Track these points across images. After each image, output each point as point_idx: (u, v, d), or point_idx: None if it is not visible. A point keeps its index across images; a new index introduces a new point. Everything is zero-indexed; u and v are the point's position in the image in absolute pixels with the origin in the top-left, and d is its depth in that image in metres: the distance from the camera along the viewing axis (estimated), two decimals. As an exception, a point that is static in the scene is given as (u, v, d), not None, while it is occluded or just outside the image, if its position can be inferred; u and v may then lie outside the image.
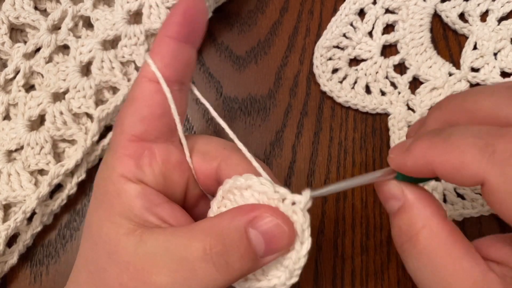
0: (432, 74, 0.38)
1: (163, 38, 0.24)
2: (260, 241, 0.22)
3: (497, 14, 0.39)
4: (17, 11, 0.36)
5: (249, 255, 0.22)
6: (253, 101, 0.38)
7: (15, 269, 0.35)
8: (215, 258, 0.21)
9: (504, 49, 0.38)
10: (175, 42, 0.24)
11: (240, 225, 0.22)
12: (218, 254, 0.21)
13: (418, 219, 0.22)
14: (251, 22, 0.40)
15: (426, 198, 0.23)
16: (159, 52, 0.24)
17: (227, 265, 0.21)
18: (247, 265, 0.22)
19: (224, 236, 0.21)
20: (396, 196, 0.23)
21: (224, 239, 0.21)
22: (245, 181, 0.23)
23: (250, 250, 0.22)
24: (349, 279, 0.34)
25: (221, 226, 0.22)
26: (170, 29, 0.24)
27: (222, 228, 0.22)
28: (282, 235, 0.22)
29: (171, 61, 0.24)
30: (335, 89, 0.38)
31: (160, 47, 0.24)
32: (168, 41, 0.24)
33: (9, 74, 0.36)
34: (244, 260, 0.21)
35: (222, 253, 0.21)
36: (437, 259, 0.22)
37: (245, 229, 0.22)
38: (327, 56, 0.38)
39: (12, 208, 0.34)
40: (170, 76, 0.24)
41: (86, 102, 0.34)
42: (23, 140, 0.34)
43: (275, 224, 0.22)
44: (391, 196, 0.24)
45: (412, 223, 0.23)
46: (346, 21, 0.39)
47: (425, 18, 0.39)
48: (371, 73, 0.38)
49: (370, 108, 0.37)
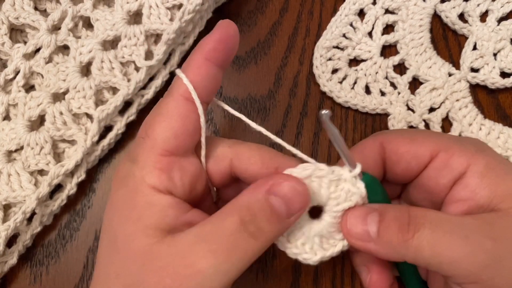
0: (431, 75, 0.38)
1: (201, 60, 0.26)
2: (281, 204, 0.24)
3: (497, 14, 0.39)
4: (17, 12, 0.36)
5: (275, 217, 0.24)
6: (253, 102, 0.38)
7: (15, 269, 0.35)
8: (248, 226, 0.24)
9: (503, 49, 0.38)
10: (211, 65, 0.26)
11: (260, 195, 0.24)
12: (249, 223, 0.24)
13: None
14: (251, 22, 0.40)
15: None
16: (198, 73, 0.26)
17: (259, 230, 0.24)
18: (276, 226, 0.24)
19: (250, 207, 0.24)
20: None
21: (251, 209, 0.24)
22: (303, 171, 0.26)
23: (274, 213, 0.24)
24: (349, 279, 0.34)
25: (246, 200, 0.24)
26: (209, 53, 0.26)
27: (247, 201, 0.24)
28: (298, 195, 0.25)
29: (205, 82, 0.26)
30: (335, 89, 0.38)
31: (198, 69, 0.26)
32: (206, 64, 0.26)
33: (9, 74, 0.36)
34: (272, 223, 0.24)
35: (252, 221, 0.24)
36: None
37: (265, 197, 0.24)
38: (327, 57, 0.38)
39: (12, 208, 0.34)
40: (203, 97, 0.26)
41: (86, 102, 0.34)
42: (23, 141, 0.34)
43: (290, 187, 0.24)
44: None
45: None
46: (346, 22, 0.39)
47: (425, 19, 0.39)
48: (371, 73, 0.38)
49: (370, 108, 0.37)
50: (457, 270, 0.24)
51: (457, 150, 0.27)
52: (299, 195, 0.25)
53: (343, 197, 0.26)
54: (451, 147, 0.27)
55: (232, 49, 0.27)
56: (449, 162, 0.27)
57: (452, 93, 0.37)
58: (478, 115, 0.37)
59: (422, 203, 0.29)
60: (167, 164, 0.26)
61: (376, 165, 0.28)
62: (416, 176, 0.29)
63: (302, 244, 0.26)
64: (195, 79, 0.26)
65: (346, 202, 0.26)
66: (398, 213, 0.25)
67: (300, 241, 0.26)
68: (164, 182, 0.25)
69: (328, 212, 0.26)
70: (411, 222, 0.24)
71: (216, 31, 0.26)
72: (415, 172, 0.28)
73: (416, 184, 0.29)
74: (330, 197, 0.26)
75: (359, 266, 0.29)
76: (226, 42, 0.26)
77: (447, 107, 0.37)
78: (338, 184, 0.26)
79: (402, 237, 0.24)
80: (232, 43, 0.26)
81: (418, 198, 0.30)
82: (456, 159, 0.27)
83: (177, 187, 0.26)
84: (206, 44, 0.26)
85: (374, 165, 0.28)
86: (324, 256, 0.26)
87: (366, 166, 0.27)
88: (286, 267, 0.34)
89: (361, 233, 0.25)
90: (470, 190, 0.26)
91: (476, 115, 0.37)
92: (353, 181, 0.26)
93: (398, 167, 0.28)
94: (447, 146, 0.27)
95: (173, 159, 0.26)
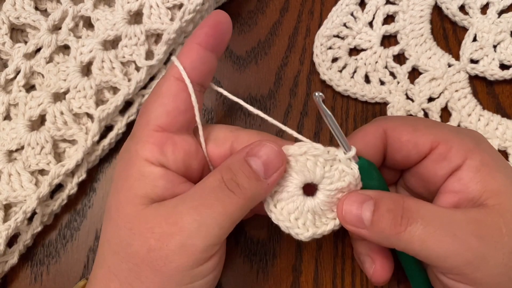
0: (431, 65, 0.38)
1: (193, 44, 0.28)
2: (259, 164, 0.26)
3: (498, 7, 0.39)
4: (18, 12, 0.36)
5: (253, 175, 0.26)
6: (253, 101, 0.38)
7: (16, 269, 0.35)
8: (228, 182, 0.26)
9: (503, 41, 0.38)
10: (203, 50, 0.28)
11: (240, 157, 0.26)
12: (229, 180, 0.26)
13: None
14: (251, 22, 0.40)
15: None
16: (188, 56, 0.28)
17: (239, 186, 0.26)
18: (254, 184, 0.26)
19: (231, 166, 0.26)
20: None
21: (231, 168, 0.26)
22: (299, 148, 0.27)
23: (253, 172, 0.26)
24: (349, 279, 0.34)
25: (227, 162, 0.27)
26: (200, 38, 0.28)
27: (229, 162, 0.27)
28: (274, 157, 0.26)
29: (197, 65, 0.28)
30: (335, 78, 0.38)
31: (189, 52, 0.28)
32: (197, 48, 0.28)
33: (9, 74, 0.36)
34: (251, 181, 0.26)
35: (232, 178, 0.26)
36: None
37: (244, 158, 0.26)
38: (327, 45, 0.39)
39: (13, 208, 0.34)
40: (194, 78, 0.28)
41: (86, 102, 0.34)
42: (24, 140, 0.34)
43: (268, 148, 0.26)
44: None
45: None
46: (346, 11, 0.39)
47: (426, 10, 0.39)
48: (371, 62, 0.38)
49: (369, 97, 0.37)
50: (443, 263, 0.26)
51: (456, 143, 0.28)
52: (275, 156, 0.26)
53: (337, 177, 0.27)
54: (450, 139, 0.28)
55: (223, 34, 0.28)
56: (447, 154, 0.28)
57: (451, 83, 0.37)
58: (477, 106, 0.37)
59: (418, 190, 0.31)
60: (160, 139, 0.27)
61: (376, 151, 0.29)
62: (414, 164, 0.29)
63: (295, 219, 0.28)
64: (186, 61, 0.28)
65: (339, 181, 0.27)
66: (393, 205, 0.26)
67: (293, 216, 0.27)
68: (156, 154, 0.27)
69: (322, 190, 0.28)
70: (404, 216, 0.25)
71: (208, 19, 0.28)
72: (414, 160, 0.29)
73: (414, 172, 0.30)
74: (324, 176, 0.27)
75: (362, 256, 0.30)
76: (216, 28, 0.28)
77: (446, 97, 0.37)
78: (332, 164, 0.27)
79: (394, 229, 0.25)
80: (222, 29, 0.28)
81: (414, 185, 0.31)
82: (454, 152, 0.28)
83: (169, 161, 0.27)
84: (198, 30, 0.28)
85: (374, 150, 0.29)
86: (316, 233, 0.28)
87: (366, 151, 0.28)
88: (286, 267, 0.34)
89: (355, 220, 0.27)
90: (463, 183, 0.27)
91: (475, 106, 0.37)
92: (347, 162, 0.27)
93: (398, 154, 0.29)
94: (447, 138, 0.28)
95: (166, 135, 0.27)
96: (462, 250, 0.25)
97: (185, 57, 0.28)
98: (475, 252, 0.25)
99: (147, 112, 0.28)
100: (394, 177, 0.32)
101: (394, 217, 0.26)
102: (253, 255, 0.35)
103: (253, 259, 0.35)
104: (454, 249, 0.25)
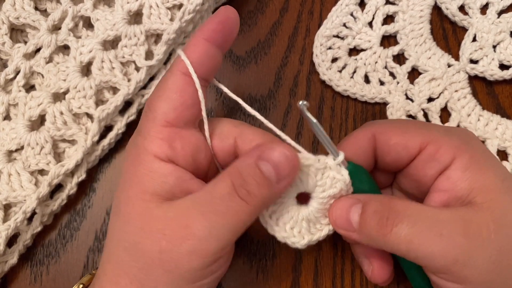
0: (431, 65, 0.38)
1: (200, 39, 0.27)
2: (270, 169, 0.25)
3: (497, 7, 0.39)
4: (18, 12, 0.36)
5: (264, 182, 0.25)
6: (253, 101, 0.38)
7: (16, 269, 0.35)
8: (239, 190, 0.25)
9: (503, 41, 0.38)
10: (209, 45, 0.28)
11: (251, 161, 0.26)
12: (240, 186, 0.25)
13: None
14: (251, 22, 0.40)
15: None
16: (195, 51, 0.27)
17: (249, 194, 0.25)
18: (265, 191, 0.25)
19: (241, 172, 0.25)
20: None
21: (242, 174, 0.25)
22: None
23: (264, 178, 0.25)
24: (348, 279, 0.34)
25: (238, 167, 0.26)
26: (208, 33, 0.27)
27: (239, 167, 0.26)
28: (287, 161, 0.26)
29: (203, 60, 0.28)
30: (334, 78, 0.38)
31: (195, 46, 0.27)
32: (204, 43, 0.27)
33: (9, 74, 0.36)
34: (262, 187, 0.25)
35: (243, 184, 0.25)
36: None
37: (255, 163, 0.25)
38: (327, 45, 0.39)
39: (13, 208, 0.34)
40: (200, 72, 0.27)
41: (86, 102, 0.34)
42: (24, 140, 0.34)
43: (280, 153, 0.25)
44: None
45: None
46: (346, 11, 0.39)
47: (425, 10, 0.39)
48: (370, 63, 0.38)
49: (368, 97, 0.38)
50: (430, 263, 0.26)
51: (444, 142, 0.28)
52: (288, 161, 0.26)
53: (329, 184, 0.27)
54: (439, 139, 0.28)
55: (230, 31, 0.28)
56: (436, 154, 0.28)
57: (451, 83, 0.37)
58: (477, 106, 0.37)
59: (411, 191, 0.31)
60: (168, 134, 0.27)
61: (367, 155, 0.29)
62: (405, 166, 0.30)
63: (290, 228, 0.28)
64: (192, 55, 0.27)
65: (331, 188, 0.27)
66: (379, 206, 0.26)
67: (289, 225, 0.28)
68: (165, 150, 0.27)
69: (315, 199, 0.28)
70: (390, 216, 0.26)
71: (216, 14, 0.28)
72: (404, 162, 0.29)
73: (406, 173, 0.30)
74: (316, 184, 0.27)
75: (361, 257, 0.30)
76: (224, 24, 0.28)
77: (445, 97, 0.37)
78: (324, 172, 0.27)
79: (380, 231, 0.26)
80: (230, 25, 0.28)
81: (407, 187, 0.31)
82: (443, 152, 0.28)
83: (178, 156, 0.27)
84: (206, 25, 0.28)
85: (364, 155, 0.29)
86: (311, 240, 0.28)
87: (356, 156, 0.29)
88: (286, 267, 0.34)
89: (345, 224, 0.27)
90: (452, 182, 0.27)
91: (474, 106, 0.37)
92: (337, 168, 0.27)
93: (388, 157, 0.29)
94: (436, 138, 0.28)
95: (174, 130, 0.27)
96: (449, 249, 0.25)
97: (192, 52, 0.27)
98: (462, 251, 0.25)
99: (154, 107, 0.27)
100: (389, 179, 0.32)
101: (380, 218, 0.26)
102: (253, 255, 0.35)
103: (253, 259, 0.35)
104: (441, 248, 0.25)
